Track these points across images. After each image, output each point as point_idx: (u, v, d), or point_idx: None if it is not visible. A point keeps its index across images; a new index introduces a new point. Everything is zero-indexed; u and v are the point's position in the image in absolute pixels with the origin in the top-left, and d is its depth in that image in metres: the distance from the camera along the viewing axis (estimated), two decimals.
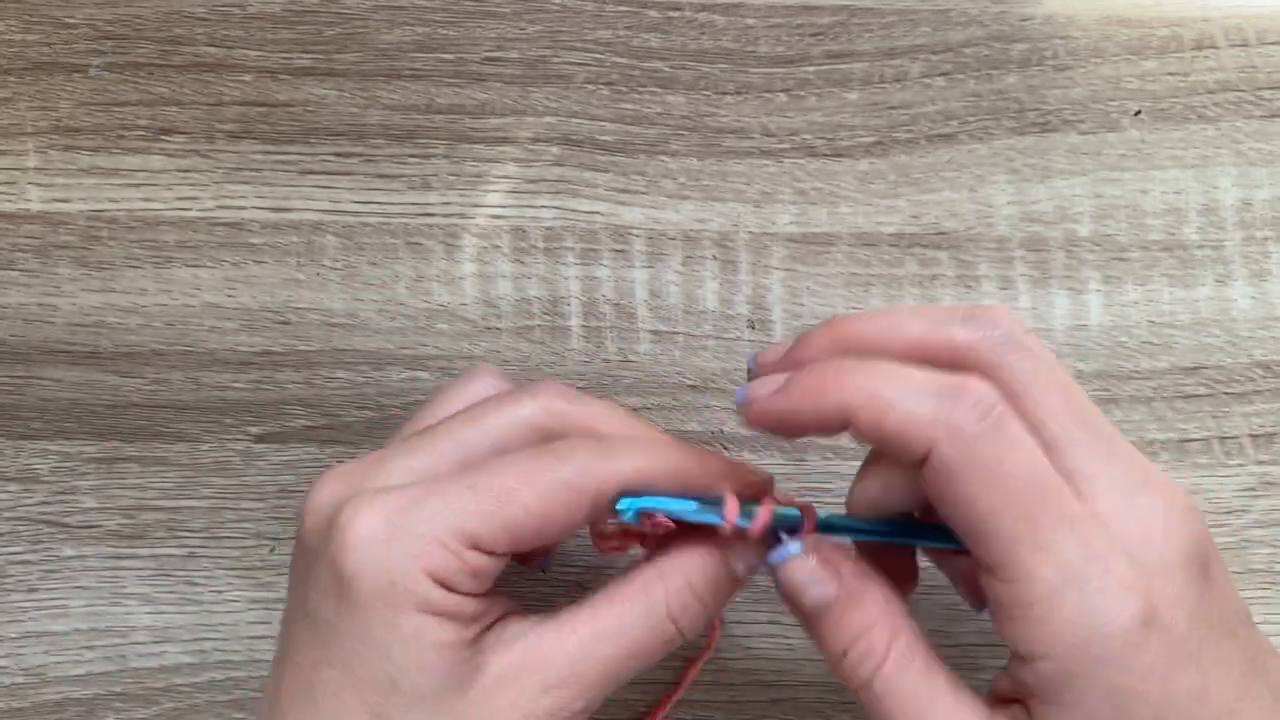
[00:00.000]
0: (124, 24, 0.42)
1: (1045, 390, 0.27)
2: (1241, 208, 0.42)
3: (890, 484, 0.30)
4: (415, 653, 0.28)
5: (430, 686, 0.29)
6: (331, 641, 0.29)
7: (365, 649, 0.28)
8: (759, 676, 0.40)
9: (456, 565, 0.28)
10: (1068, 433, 0.27)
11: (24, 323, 0.41)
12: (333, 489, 0.30)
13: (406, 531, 0.28)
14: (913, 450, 0.27)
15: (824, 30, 0.43)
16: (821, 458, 0.41)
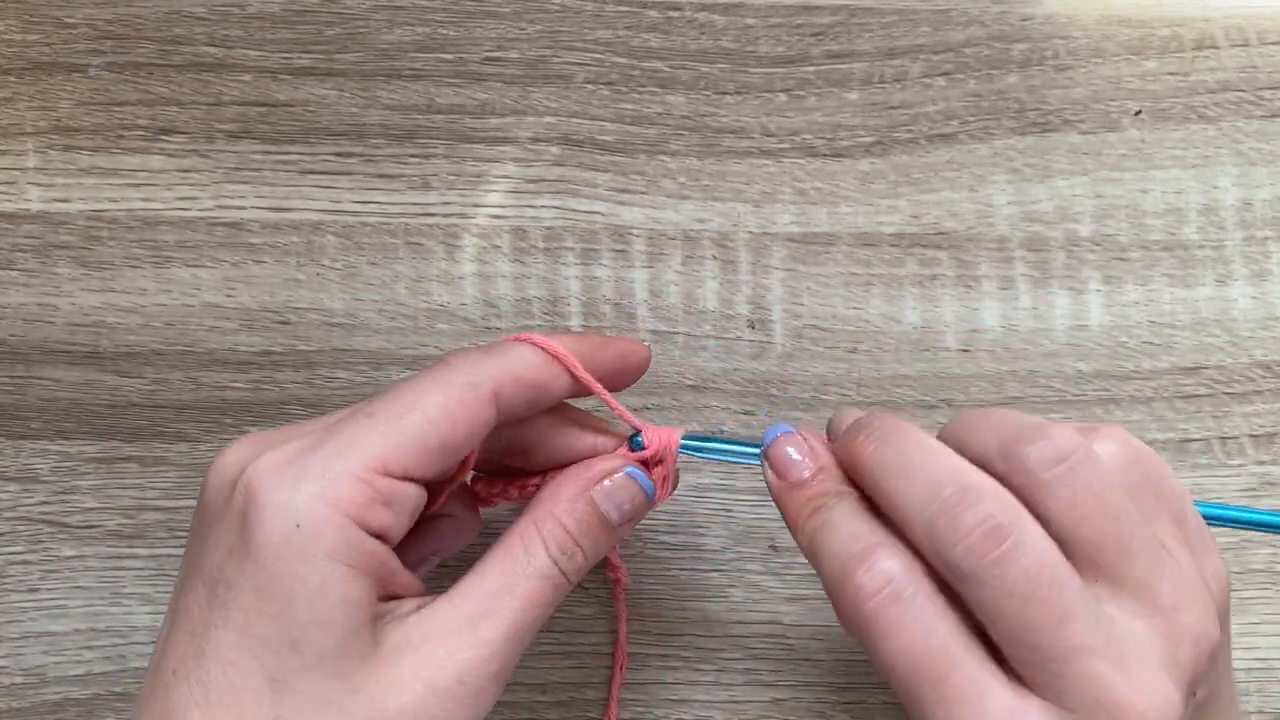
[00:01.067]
0: (124, 24, 0.42)
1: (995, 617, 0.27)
2: (1242, 207, 0.42)
3: None
4: (320, 608, 0.27)
5: (331, 648, 0.27)
6: (229, 601, 0.27)
7: (265, 605, 0.27)
8: (758, 677, 0.40)
9: (368, 494, 0.28)
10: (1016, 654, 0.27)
11: (24, 322, 0.41)
12: (239, 453, 0.29)
13: (311, 469, 0.27)
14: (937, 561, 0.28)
15: (824, 30, 0.43)
16: None
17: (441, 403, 0.29)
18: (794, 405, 0.41)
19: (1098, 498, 0.28)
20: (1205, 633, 0.28)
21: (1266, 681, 0.40)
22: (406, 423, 0.28)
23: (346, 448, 0.28)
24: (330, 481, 0.27)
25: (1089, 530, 0.28)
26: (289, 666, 0.27)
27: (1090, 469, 0.28)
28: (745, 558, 0.41)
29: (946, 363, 0.41)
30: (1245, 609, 0.41)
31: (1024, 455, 0.28)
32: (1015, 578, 0.27)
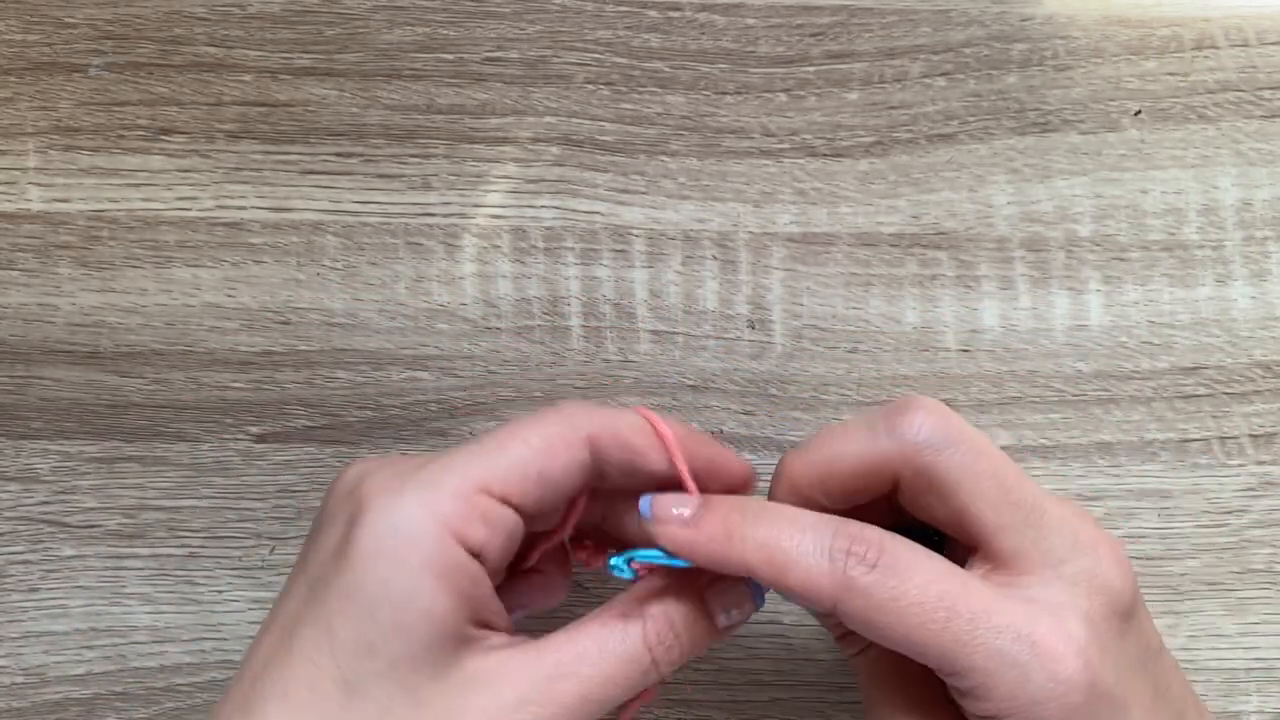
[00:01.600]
0: (124, 24, 0.42)
1: (975, 481, 0.30)
2: (1241, 208, 0.42)
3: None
4: (402, 614, 0.28)
5: (407, 656, 0.28)
6: (321, 598, 0.29)
7: (351, 606, 0.28)
8: (758, 677, 0.40)
9: (467, 510, 0.29)
10: (999, 517, 0.30)
11: (24, 322, 0.41)
12: (362, 467, 0.31)
13: (417, 482, 0.29)
14: (820, 606, 0.29)
15: (824, 30, 0.43)
16: None
17: (543, 435, 0.30)
18: (794, 405, 0.41)
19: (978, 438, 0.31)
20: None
21: (1266, 682, 0.40)
22: (509, 450, 0.30)
23: (451, 467, 0.30)
24: (433, 494, 0.29)
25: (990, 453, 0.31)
26: (363, 670, 0.28)
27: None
28: None
29: (946, 363, 0.41)
30: (1245, 609, 0.41)
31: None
32: (978, 443, 0.30)
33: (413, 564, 0.28)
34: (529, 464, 0.30)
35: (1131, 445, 0.41)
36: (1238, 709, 0.40)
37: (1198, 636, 0.41)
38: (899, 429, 0.30)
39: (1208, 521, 0.41)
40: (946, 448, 0.30)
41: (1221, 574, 0.41)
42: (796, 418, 0.41)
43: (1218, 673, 0.40)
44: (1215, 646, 0.41)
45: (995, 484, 0.30)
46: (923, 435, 0.30)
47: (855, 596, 0.29)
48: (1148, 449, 0.41)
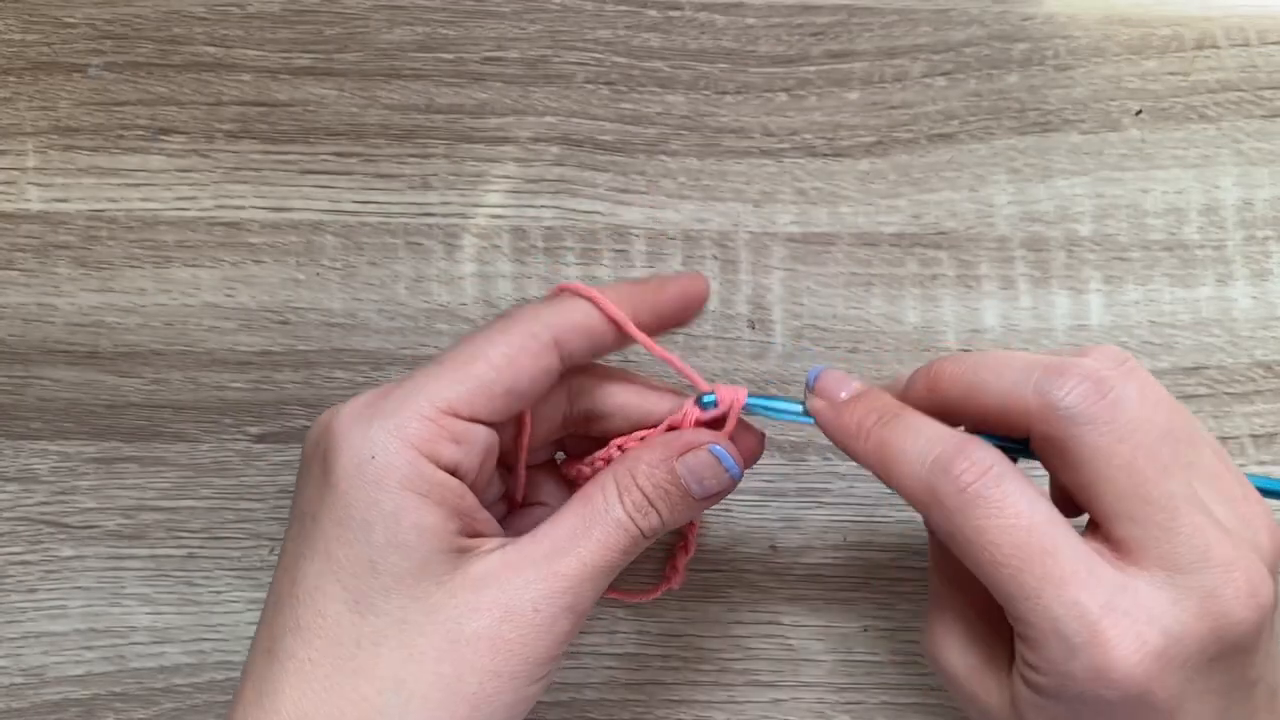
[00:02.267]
0: (123, 23, 0.42)
1: (1105, 466, 0.29)
2: (1242, 207, 0.42)
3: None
4: (395, 531, 0.29)
5: (408, 569, 0.29)
6: (314, 532, 0.30)
7: (345, 532, 0.29)
8: (758, 677, 0.40)
9: (435, 431, 0.30)
10: (1123, 507, 0.29)
11: (23, 322, 0.41)
12: (328, 414, 0.31)
13: (383, 411, 0.30)
14: (916, 508, 0.30)
15: (824, 30, 0.43)
16: (821, 458, 0.41)
17: (504, 350, 0.31)
18: None
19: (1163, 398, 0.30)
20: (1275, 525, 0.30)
21: None
22: (472, 369, 0.30)
23: (415, 392, 0.30)
24: (401, 419, 0.30)
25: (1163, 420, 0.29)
26: (369, 588, 0.29)
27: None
28: (745, 558, 0.41)
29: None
30: None
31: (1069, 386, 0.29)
32: (1126, 422, 0.28)
33: (393, 485, 0.29)
34: (494, 382, 0.30)
35: None
36: None
37: None
38: (1047, 387, 0.29)
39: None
40: (1087, 423, 0.29)
41: None
42: None
43: None
44: None
45: (1128, 473, 0.28)
46: (1067, 402, 0.29)
47: (940, 513, 0.29)
48: None
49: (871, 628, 0.40)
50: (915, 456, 0.30)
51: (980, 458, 0.29)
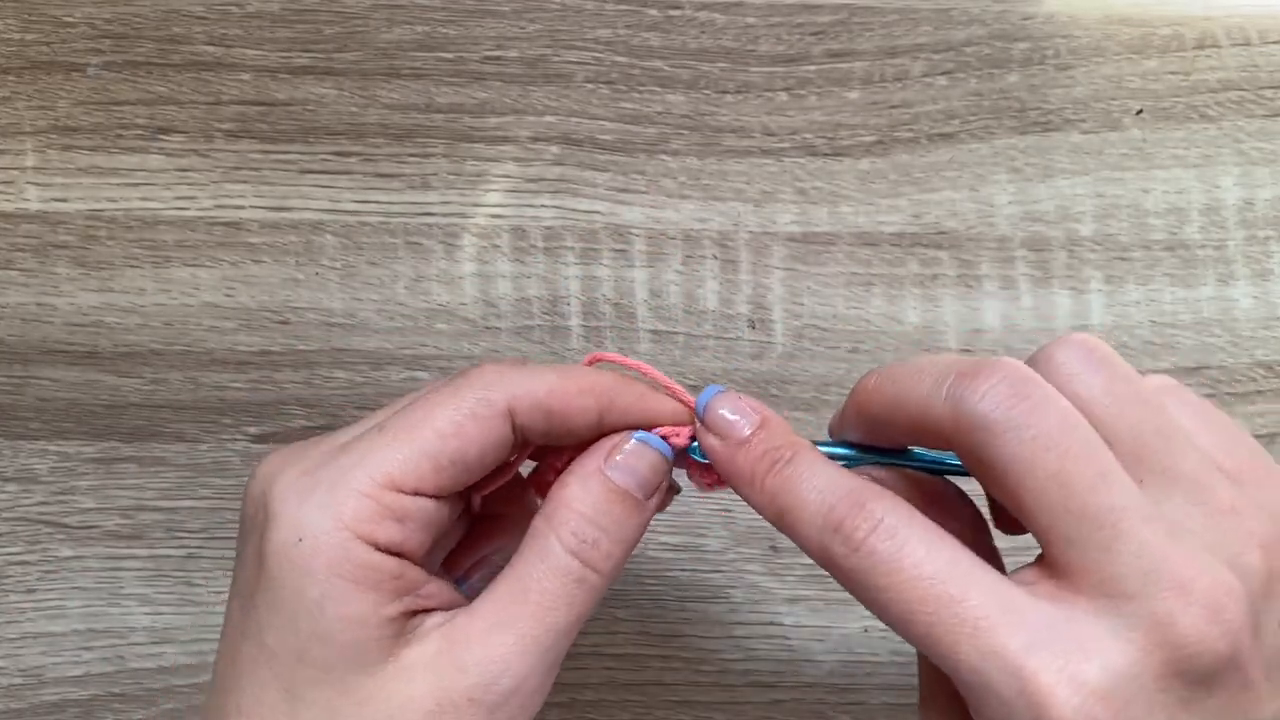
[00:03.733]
0: (123, 23, 0.42)
1: (1031, 477, 0.25)
2: (1243, 207, 0.42)
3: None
4: (319, 622, 0.27)
5: (336, 660, 0.27)
6: (250, 614, 0.28)
7: (275, 618, 0.27)
8: (758, 678, 0.40)
9: (374, 509, 0.27)
10: (1055, 526, 0.25)
11: (22, 322, 0.41)
12: (270, 467, 0.29)
13: (320, 485, 0.27)
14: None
15: (825, 29, 0.43)
16: None
17: (453, 417, 0.28)
18: (795, 405, 0.41)
19: (1139, 394, 0.26)
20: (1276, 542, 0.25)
21: None
22: (417, 438, 0.28)
23: (356, 463, 0.28)
24: (336, 496, 0.27)
25: (1132, 418, 0.26)
26: (299, 678, 0.27)
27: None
28: (745, 558, 0.40)
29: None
30: None
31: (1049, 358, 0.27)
32: (1049, 428, 0.25)
33: (321, 571, 0.27)
34: (440, 454, 0.28)
35: None
36: None
37: None
38: (959, 393, 0.26)
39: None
40: (1007, 430, 0.25)
41: None
42: (797, 418, 0.41)
43: None
44: None
45: (1058, 485, 0.25)
46: (982, 408, 0.25)
47: (838, 576, 0.26)
48: None
49: (871, 628, 0.40)
50: (809, 516, 0.27)
51: (871, 510, 0.26)
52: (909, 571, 0.25)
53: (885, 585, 0.25)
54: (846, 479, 0.27)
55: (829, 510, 0.27)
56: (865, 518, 0.26)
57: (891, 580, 0.25)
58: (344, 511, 0.27)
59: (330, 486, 0.27)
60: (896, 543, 0.26)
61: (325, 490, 0.27)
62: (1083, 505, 0.25)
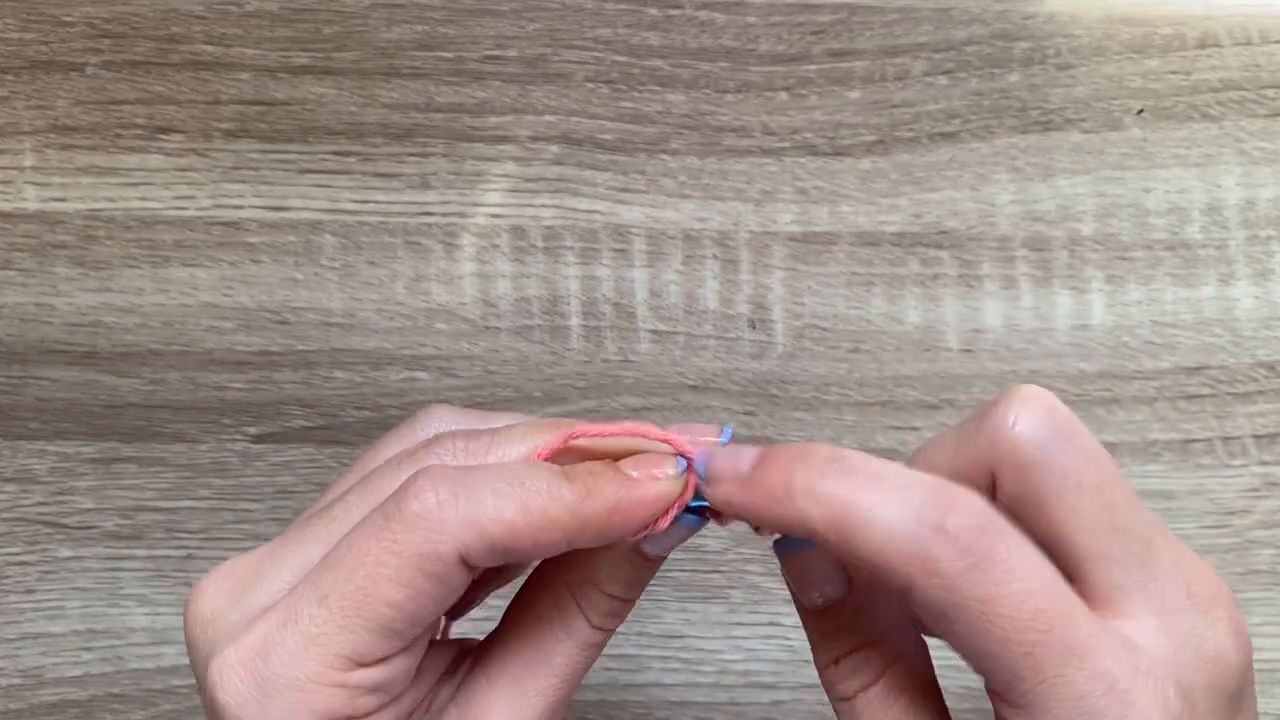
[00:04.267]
0: (121, 22, 0.42)
1: (1077, 494, 0.25)
2: (1245, 207, 0.42)
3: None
4: None
5: None
6: None
7: None
8: (758, 678, 0.40)
9: (344, 696, 0.25)
10: (1100, 545, 0.25)
11: (21, 322, 0.41)
12: (211, 603, 0.26)
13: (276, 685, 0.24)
14: (889, 581, 0.23)
15: (825, 28, 0.42)
16: None
17: (398, 581, 0.24)
18: (795, 405, 0.41)
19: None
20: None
21: (1270, 684, 0.40)
22: (365, 615, 0.24)
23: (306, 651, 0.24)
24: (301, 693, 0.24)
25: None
26: None
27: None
28: (745, 559, 0.40)
29: (948, 363, 0.41)
30: (1249, 610, 0.40)
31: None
32: (1089, 447, 0.25)
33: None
34: (394, 621, 0.24)
35: (1134, 446, 0.41)
36: None
37: None
38: (993, 421, 0.25)
39: (1211, 523, 0.41)
40: (1050, 443, 0.25)
41: (1224, 575, 0.40)
42: (798, 418, 0.41)
43: None
44: None
45: (1100, 502, 0.25)
46: (1020, 427, 0.25)
47: (932, 583, 0.23)
48: (1150, 449, 0.41)
49: None
50: (893, 514, 0.23)
51: (972, 503, 0.23)
52: (1024, 583, 0.23)
53: (995, 597, 0.23)
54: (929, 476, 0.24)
55: (921, 507, 0.23)
56: (974, 517, 0.23)
57: (1002, 591, 0.23)
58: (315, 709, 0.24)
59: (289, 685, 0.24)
60: (1008, 547, 0.23)
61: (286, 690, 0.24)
62: (1125, 523, 0.25)
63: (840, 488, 0.23)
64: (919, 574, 0.23)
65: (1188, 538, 0.40)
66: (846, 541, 0.23)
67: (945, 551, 0.23)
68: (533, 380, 0.41)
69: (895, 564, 0.23)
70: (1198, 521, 0.41)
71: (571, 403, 0.41)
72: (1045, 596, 0.23)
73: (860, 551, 0.23)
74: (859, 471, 0.24)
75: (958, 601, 0.23)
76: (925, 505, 0.23)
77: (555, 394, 0.41)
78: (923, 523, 0.23)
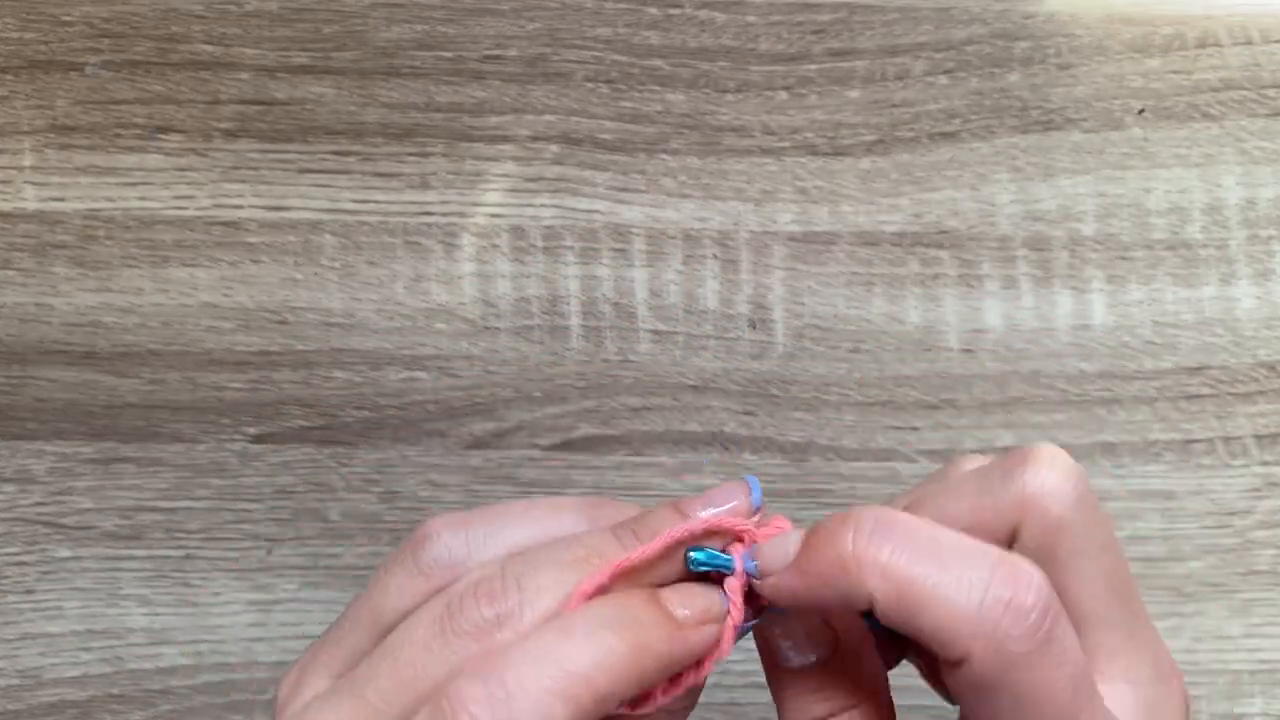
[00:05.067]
0: (121, 22, 0.42)
1: (1090, 558, 0.25)
2: (1245, 206, 0.42)
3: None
4: None
5: None
6: None
7: None
8: (758, 678, 0.40)
9: None
10: (1101, 609, 0.25)
11: (20, 322, 0.41)
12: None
13: None
14: (945, 653, 0.23)
15: (825, 27, 0.42)
16: (824, 459, 0.41)
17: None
18: (795, 405, 0.41)
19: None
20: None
21: (1270, 684, 0.40)
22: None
23: None
24: None
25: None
26: None
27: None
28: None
29: (949, 363, 0.41)
30: (1249, 610, 0.40)
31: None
32: (1101, 515, 0.26)
33: None
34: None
35: (1135, 446, 0.41)
36: (1241, 711, 0.40)
37: (1201, 639, 0.40)
38: (1021, 476, 0.25)
39: (1212, 523, 0.41)
40: (1077, 505, 0.25)
41: (1225, 575, 0.40)
42: (798, 418, 0.41)
43: (1221, 675, 0.40)
44: (1219, 648, 0.40)
45: (1107, 567, 0.25)
46: (1048, 486, 0.25)
47: (995, 661, 0.22)
48: (1151, 449, 0.41)
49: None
50: (962, 591, 0.22)
51: (1043, 587, 0.23)
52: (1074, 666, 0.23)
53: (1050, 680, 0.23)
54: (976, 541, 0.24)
55: (990, 584, 0.22)
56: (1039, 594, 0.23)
57: (1059, 675, 0.23)
58: None
59: None
60: (1064, 628, 0.23)
61: None
62: (1123, 589, 0.26)
63: (900, 559, 0.23)
64: (983, 649, 0.22)
65: (1188, 538, 0.40)
66: (911, 616, 0.23)
67: (1014, 630, 0.22)
68: (533, 380, 0.41)
69: (960, 638, 0.22)
70: (1198, 521, 0.41)
71: (571, 403, 0.41)
72: (1084, 679, 0.23)
73: (925, 625, 0.23)
74: (915, 538, 0.23)
75: (1015, 679, 0.22)
76: (994, 583, 0.22)
77: (555, 394, 0.41)
78: (995, 600, 0.22)
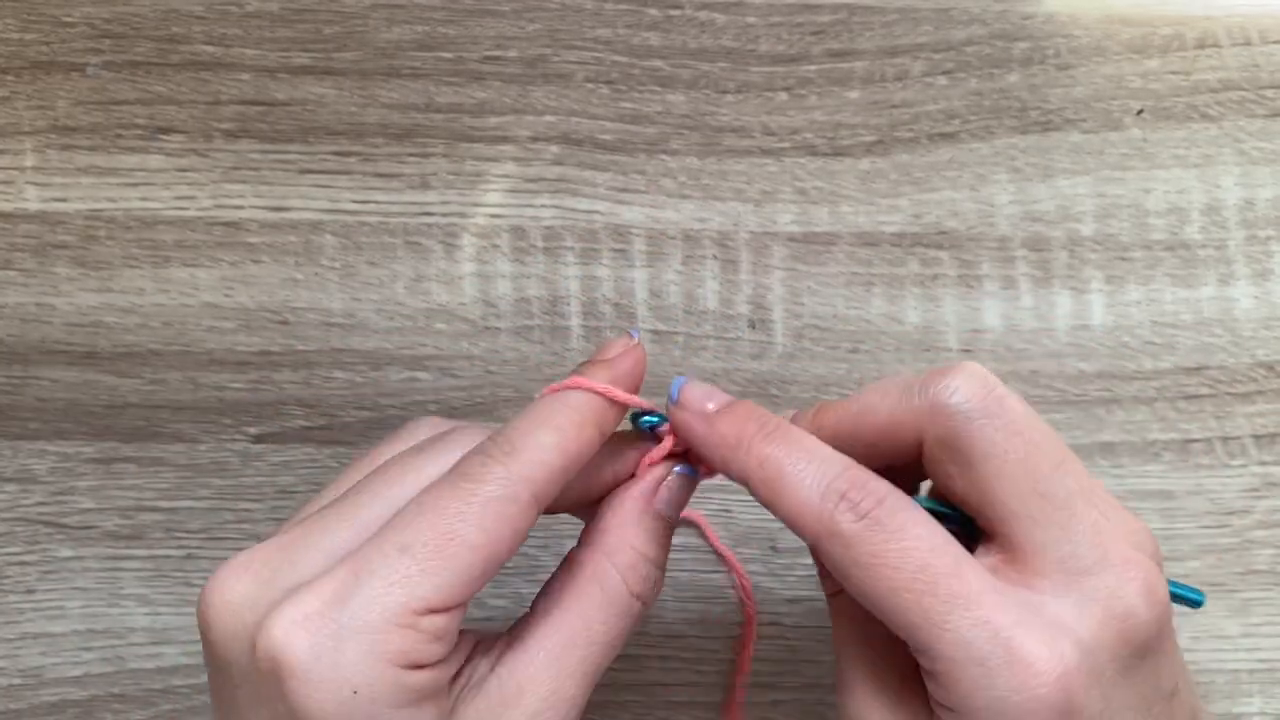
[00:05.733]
0: (122, 22, 0.42)
1: (1001, 461, 0.28)
2: (1244, 207, 0.42)
3: None
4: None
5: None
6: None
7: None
8: (760, 678, 0.40)
9: (416, 639, 0.26)
10: (1020, 505, 0.28)
11: (21, 322, 0.41)
12: (241, 589, 0.27)
13: (350, 630, 0.25)
14: (803, 537, 0.28)
15: (825, 28, 0.42)
16: None
17: (484, 526, 0.26)
18: (795, 405, 0.41)
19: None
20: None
21: (1269, 683, 0.40)
22: (449, 557, 0.26)
23: (385, 593, 0.26)
24: (376, 636, 0.25)
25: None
26: None
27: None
28: (745, 559, 0.40)
29: (948, 363, 0.41)
30: (1248, 610, 0.40)
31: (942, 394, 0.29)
32: (1017, 417, 0.28)
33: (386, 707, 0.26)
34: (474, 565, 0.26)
35: (1134, 446, 0.41)
36: (1240, 711, 0.40)
37: (1200, 638, 0.40)
38: (933, 389, 0.29)
39: (1210, 522, 0.41)
40: (979, 418, 0.28)
41: (1224, 575, 0.41)
42: None
43: (1220, 674, 0.40)
44: (1218, 648, 0.40)
45: (1024, 468, 0.28)
46: (955, 399, 0.28)
47: (835, 542, 0.27)
48: (1150, 449, 0.41)
49: None
50: (810, 482, 0.28)
51: (875, 486, 0.28)
52: (912, 542, 0.27)
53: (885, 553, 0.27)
54: (844, 457, 0.29)
55: (833, 478, 0.28)
56: (871, 491, 0.28)
57: (892, 549, 0.27)
58: (390, 649, 0.25)
59: (364, 626, 0.25)
60: (901, 517, 0.27)
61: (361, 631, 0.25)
62: (1046, 488, 0.28)
63: (778, 452, 0.29)
64: (825, 534, 0.28)
65: (1187, 538, 0.41)
66: (773, 498, 0.28)
67: (845, 517, 0.27)
68: (533, 380, 0.41)
69: (806, 522, 0.28)
70: (1197, 521, 0.41)
71: None
72: (930, 553, 0.27)
73: (781, 509, 0.28)
74: (796, 442, 0.29)
75: (853, 557, 0.27)
76: (838, 477, 0.28)
77: None
78: (831, 492, 0.28)
